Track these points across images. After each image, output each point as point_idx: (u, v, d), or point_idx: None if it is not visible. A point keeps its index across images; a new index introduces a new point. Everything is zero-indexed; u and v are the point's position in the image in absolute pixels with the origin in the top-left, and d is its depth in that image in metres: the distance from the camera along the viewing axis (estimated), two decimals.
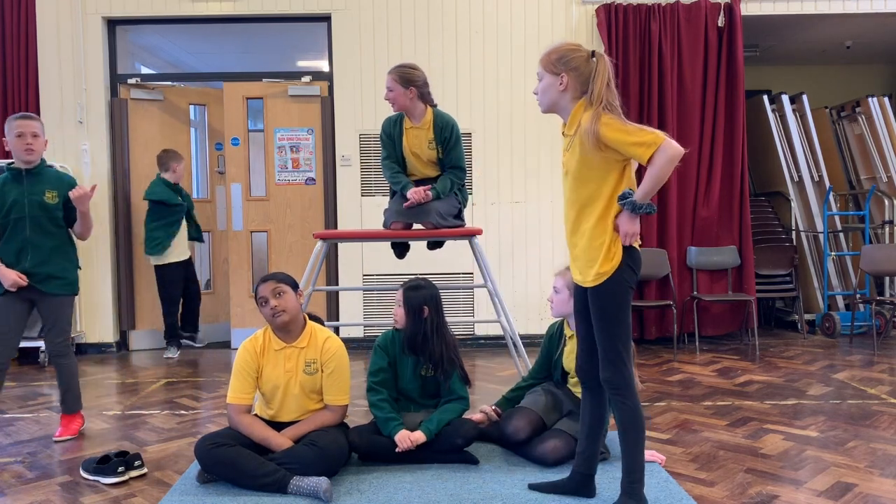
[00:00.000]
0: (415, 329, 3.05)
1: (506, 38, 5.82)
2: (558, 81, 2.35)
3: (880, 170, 6.53)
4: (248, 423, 2.83)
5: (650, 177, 2.23)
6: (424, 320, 3.05)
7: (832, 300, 6.29)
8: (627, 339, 2.37)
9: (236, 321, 5.88)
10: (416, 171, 3.78)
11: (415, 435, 2.91)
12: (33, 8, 5.68)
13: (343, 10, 5.77)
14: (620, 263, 2.32)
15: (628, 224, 2.30)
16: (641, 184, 2.26)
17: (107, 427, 3.69)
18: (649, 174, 2.23)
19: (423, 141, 3.69)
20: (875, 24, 6.29)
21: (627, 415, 2.37)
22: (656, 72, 5.68)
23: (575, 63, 2.33)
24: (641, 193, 2.26)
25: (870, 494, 2.65)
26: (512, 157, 5.83)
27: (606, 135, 2.24)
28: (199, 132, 6.46)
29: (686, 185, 5.79)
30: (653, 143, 2.20)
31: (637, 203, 2.27)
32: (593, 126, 2.25)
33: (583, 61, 2.34)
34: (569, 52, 2.35)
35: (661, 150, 2.19)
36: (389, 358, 3.10)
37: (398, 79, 3.59)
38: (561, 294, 3.09)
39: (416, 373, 3.10)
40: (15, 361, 5.51)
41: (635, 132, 2.23)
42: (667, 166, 2.20)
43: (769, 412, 3.78)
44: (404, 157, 3.75)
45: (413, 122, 3.69)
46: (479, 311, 5.84)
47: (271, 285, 2.86)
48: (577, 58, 2.34)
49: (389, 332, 3.16)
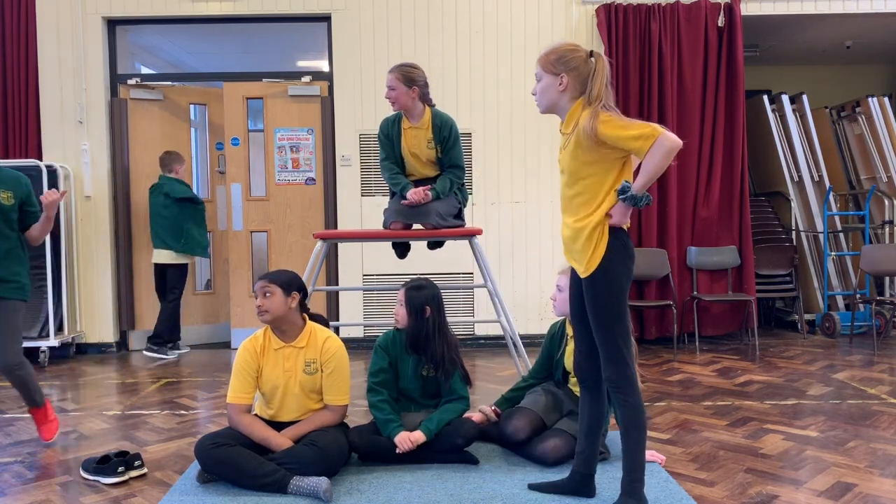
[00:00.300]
0: (417, 329, 3.05)
1: (506, 38, 5.82)
2: (558, 82, 2.36)
3: (880, 170, 6.53)
4: (248, 422, 2.83)
5: (648, 168, 2.23)
6: (426, 320, 3.05)
7: (832, 300, 6.29)
8: (627, 336, 2.37)
9: (236, 321, 5.88)
10: (416, 171, 3.78)
11: (414, 435, 2.91)
12: (33, 8, 5.68)
13: (343, 10, 5.77)
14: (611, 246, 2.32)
15: (623, 215, 2.33)
16: (639, 176, 2.26)
17: (107, 427, 3.69)
18: (646, 166, 2.23)
19: (422, 141, 3.69)
20: (875, 24, 6.29)
21: (630, 413, 2.37)
22: (656, 72, 5.68)
23: (574, 63, 2.34)
24: (639, 185, 2.26)
25: (870, 494, 2.65)
26: (512, 157, 5.83)
27: (605, 132, 2.25)
28: (199, 132, 6.46)
29: (686, 185, 5.79)
30: (651, 136, 2.21)
31: (637, 196, 2.27)
32: (592, 123, 2.26)
33: (582, 61, 2.35)
34: (568, 53, 2.36)
35: (658, 143, 2.19)
36: (390, 358, 3.10)
37: (401, 78, 3.58)
38: (564, 293, 3.08)
39: (417, 373, 3.10)
40: None
41: (633, 126, 2.24)
42: (664, 158, 2.20)
43: (769, 412, 3.78)
44: (403, 158, 3.75)
45: (412, 122, 3.69)
46: (479, 311, 5.84)
47: (262, 284, 2.87)
48: (576, 58, 2.35)
49: (390, 333, 3.16)
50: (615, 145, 2.27)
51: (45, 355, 5.29)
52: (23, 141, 5.71)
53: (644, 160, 2.24)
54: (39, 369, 5.20)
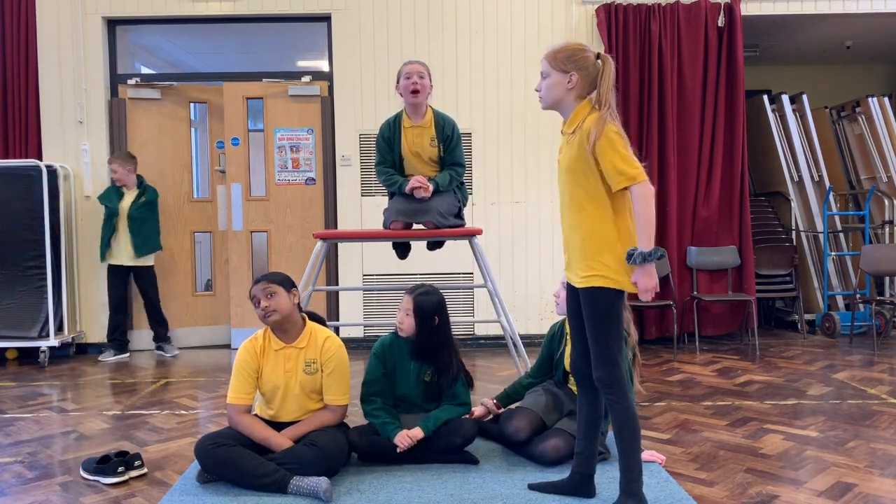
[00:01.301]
0: (425, 338, 3.00)
1: (506, 38, 5.82)
2: (566, 79, 2.37)
3: (880, 170, 6.53)
4: (248, 423, 2.83)
5: (641, 223, 2.25)
6: (435, 328, 3.01)
7: (832, 300, 6.29)
8: (619, 339, 2.38)
9: (236, 321, 5.88)
10: (415, 171, 3.77)
11: (413, 432, 2.90)
12: (33, 8, 5.68)
13: (343, 10, 5.77)
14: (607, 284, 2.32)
15: (646, 279, 2.28)
16: (638, 233, 2.27)
17: (107, 427, 3.69)
18: (638, 221, 2.25)
19: (424, 139, 3.69)
20: (875, 24, 6.29)
21: (621, 414, 2.38)
22: (656, 72, 5.68)
23: (584, 63, 2.36)
24: (644, 242, 2.25)
25: (870, 494, 2.65)
26: (512, 157, 5.83)
27: (602, 146, 2.27)
28: (199, 132, 6.45)
29: (686, 185, 5.79)
30: (631, 179, 2.24)
31: (646, 253, 2.24)
32: (597, 131, 2.27)
33: (591, 62, 2.37)
34: (578, 52, 2.38)
35: (638, 192, 2.23)
36: (386, 368, 3.06)
37: (428, 72, 3.64)
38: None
39: (419, 378, 3.06)
40: (15, 361, 5.51)
41: (625, 160, 2.25)
42: (647, 208, 2.23)
43: (769, 412, 3.78)
44: (402, 159, 3.75)
45: (413, 121, 3.69)
46: (479, 311, 5.84)
47: (262, 286, 2.86)
48: (586, 58, 2.37)
49: (387, 338, 3.10)
50: (600, 162, 2.29)
51: (45, 355, 5.29)
52: (23, 141, 5.71)
53: (635, 215, 2.26)
54: (39, 369, 5.20)
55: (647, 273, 2.27)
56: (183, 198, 6.01)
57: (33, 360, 5.43)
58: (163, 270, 5.85)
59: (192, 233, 6.05)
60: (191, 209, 6.04)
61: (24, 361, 5.48)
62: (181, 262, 6.00)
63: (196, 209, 6.04)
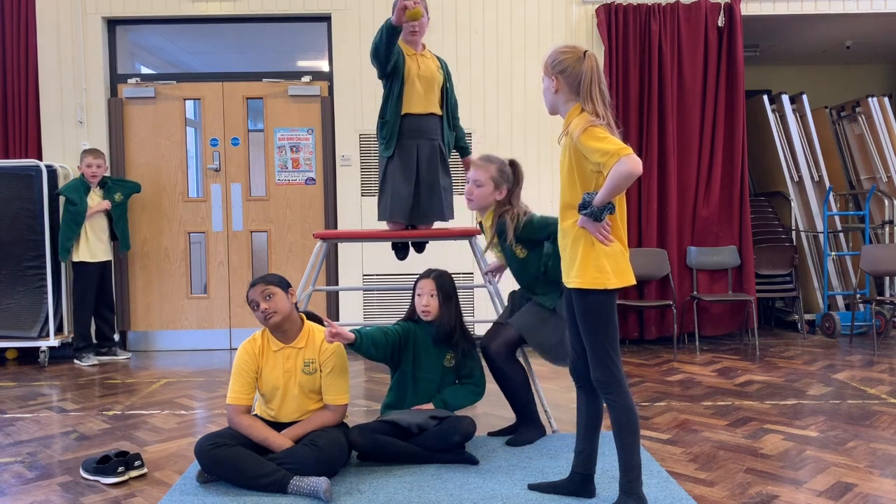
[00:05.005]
0: (448, 318, 3.08)
1: (506, 38, 5.82)
2: (553, 84, 2.40)
3: (880, 170, 6.52)
4: (247, 423, 2.83)
5: (607, 184, 2.26)
6: (454, 307, 3.11)
7: (832, 300, 6.29)
8: (614, 338, 2.39)
9: (236, 322, 5.87)
10: (418, 103, 3.65)
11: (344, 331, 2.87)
12: (33, 8, 5.68)
13: (343, 10, 5.77)
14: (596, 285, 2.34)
15: (588, 227, 2.33)
16: (600, 191, 2.28)
17: (107, 427, 3.69)
18: (607, 182, 2.26)
19: (431, 65, 3.73)
20: (875, 24, 6.29)
21: (620, 414, 2.39)
22: (656, 72, 5.67)
23: (563, 66, 2.37)
24: (598, 199, 2.28)
25: (870, 494, 2.65)
26: (512, 158, 5.81)
27: (582, 141, 2.28)
28: (197, 130, 6.42)
29: (686, 185, 5.78)
30: (615, 154, 2.22)
31: (596, 210, 2.28)
32: (578, 129, 2.30)
33: (572, 63, 2.36)
34: (560, 55, 2.39)
35: (619, 162, 2.21)
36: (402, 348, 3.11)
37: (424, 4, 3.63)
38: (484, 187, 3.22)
39: (441, 364, 3.14)
40: (15, 361, 5.51)
41: (605, 140, 2.26)
42: (621, 180, 2.22)
43: (769, 412, 3.78)
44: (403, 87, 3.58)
45: (416, 50, 3.71)
46: (479, 311, 5.83)
47: (260, 288, 2.86)
48: (566, 59, 2.37)
49: (410, 325, 3.15)
50: (586, 155, 2.30)
51: (45, 355, 5.29)
52: (23, 141, 5.70)
53: (607, 177, 2.26)
54: (39, 369, 5.20)
55: (587, 223, 2.33)
56: (177, 197, 5.90)
57: (33, 360, 5.43)
58: (158, 271, 5.84)
59: (187, 233, 5.91)
60: (185, 209, 5.91)
61: (24, 361, 5.48)
62: (175, 263, 5.89)
63: (190, 209, 5.92)
